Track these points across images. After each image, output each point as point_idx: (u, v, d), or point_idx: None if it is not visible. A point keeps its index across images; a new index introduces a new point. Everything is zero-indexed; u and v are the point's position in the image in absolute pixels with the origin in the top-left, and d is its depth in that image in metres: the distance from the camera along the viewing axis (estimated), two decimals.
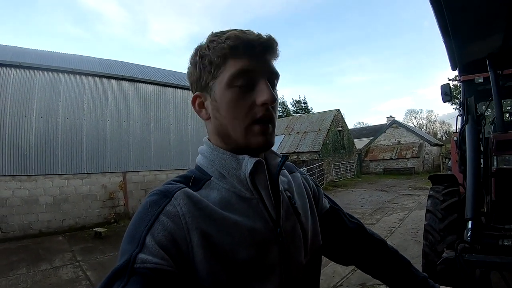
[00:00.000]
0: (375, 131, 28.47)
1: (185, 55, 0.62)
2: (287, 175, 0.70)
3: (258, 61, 0.56)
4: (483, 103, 3.98)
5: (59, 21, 79.03)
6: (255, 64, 0.55)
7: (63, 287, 4.10)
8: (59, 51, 10.13)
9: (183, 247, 0.48)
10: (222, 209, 0.53)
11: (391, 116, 27.87)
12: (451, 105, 20.98)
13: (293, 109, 34.33)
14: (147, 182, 8.79)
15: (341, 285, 3.78)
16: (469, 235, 1.98)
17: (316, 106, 62.21)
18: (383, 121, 30.64)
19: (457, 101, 15.41)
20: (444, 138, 38.54)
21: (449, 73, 29.68)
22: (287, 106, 34.31)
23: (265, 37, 0.56)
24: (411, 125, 34.76)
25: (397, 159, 22.98)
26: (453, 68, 3.57)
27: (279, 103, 1.40)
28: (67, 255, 5.49)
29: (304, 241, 0.63)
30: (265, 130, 0.56)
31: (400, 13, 70.21)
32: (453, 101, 15.79)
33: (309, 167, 14.81)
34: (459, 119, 3.60)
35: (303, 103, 34.50)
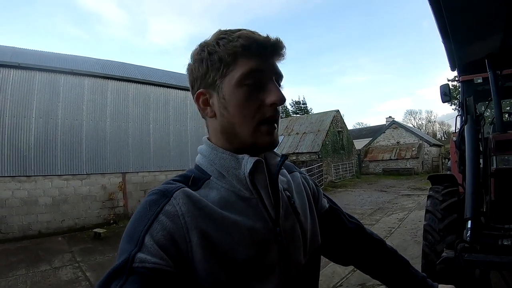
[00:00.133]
0: (374, 132, 28.48)
1: (185, 56, 0.62)
2: (286, 174, 0.70)
3: (267, 62, 0.57)
4: (482, 103, 4.00)
5: (58, 22, 79.14)
6: (265, 64, 0.56)
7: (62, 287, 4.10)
8: (58, 51, 10.18)
9: (182, 247, 0.48)
10: (221, 208, 0.53)
11: (390, 116, 27.92)
12: (451, 106, 20.98)
13: (292, 109, 34.38)
14: (146, 182, 8.77)
15: (340, 286, 3.78)
16: (468, 235, 1.98)
17: (315, 106, 62.23)
18: (382, 121, 30.75)
19: (456, 102, 15.42)
20: (443, 138, 38.53)
21: (449, 73, 29.80)
22: (286, 106, 34.30)
23: (274, 39, 0.57)
24: (410, 125, 34.75)
25: (397, 159, 22.99)
26: (452, 68, 3.58)
27: None
28: (66, 256, 5.48)
29: (303, 241, 0.63)
30: (272, 130, 0.57)
31: (399, 13, 70.54)
32: (453, 101, 15.79)
33: (309, 168, 14.82)
34: (458, 119, 3.60)
35: (303, 103, 34.61)
